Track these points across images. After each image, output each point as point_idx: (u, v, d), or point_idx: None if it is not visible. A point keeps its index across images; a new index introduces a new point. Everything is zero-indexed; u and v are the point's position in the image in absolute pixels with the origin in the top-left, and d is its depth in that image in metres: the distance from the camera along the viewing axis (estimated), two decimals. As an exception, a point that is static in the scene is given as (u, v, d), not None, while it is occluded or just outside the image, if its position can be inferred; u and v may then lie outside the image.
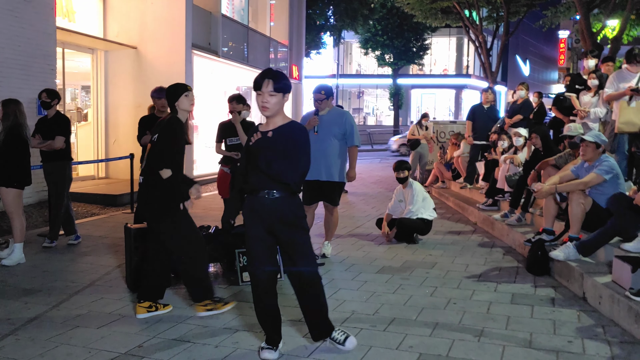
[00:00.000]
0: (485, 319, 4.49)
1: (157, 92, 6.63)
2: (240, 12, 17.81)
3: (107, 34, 13.38)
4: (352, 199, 11.65)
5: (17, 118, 6.13)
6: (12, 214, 6.18)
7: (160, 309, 4.57)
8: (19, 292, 5.18)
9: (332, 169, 6.09)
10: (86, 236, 7.61)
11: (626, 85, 6.79)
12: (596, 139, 5.68)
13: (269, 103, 3.57)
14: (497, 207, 8.67)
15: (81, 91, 15.18)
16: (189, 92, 4.52)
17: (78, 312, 4.65)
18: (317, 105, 6.14)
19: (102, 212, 9.96)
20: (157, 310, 4.55)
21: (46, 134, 6.80)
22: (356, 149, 6.29)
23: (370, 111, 48.11)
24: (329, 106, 6.21)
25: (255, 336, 4.11)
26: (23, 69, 9.48)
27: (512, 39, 29.30)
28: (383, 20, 33.29)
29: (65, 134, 6.94)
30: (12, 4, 9.25)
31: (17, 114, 6.14)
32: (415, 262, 6.34)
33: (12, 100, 6.25)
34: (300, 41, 22.39)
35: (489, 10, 25.57)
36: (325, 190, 6.19)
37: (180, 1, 13.16)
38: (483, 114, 10.30)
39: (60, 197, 7.00)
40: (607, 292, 4.54)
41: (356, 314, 4.61)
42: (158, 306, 4.57)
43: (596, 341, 4.02)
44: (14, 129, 6.10)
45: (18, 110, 6.16)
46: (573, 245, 5.34)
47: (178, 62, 13.24)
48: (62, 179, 7.02)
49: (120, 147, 12.77)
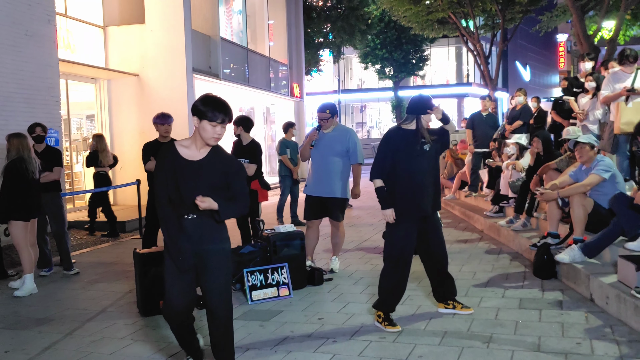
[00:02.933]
0: (494, 325, 4.52)
1: (159, 119, 6.68)
2: (239, 34, 18.02)
3: (109, 63, 13.58)
4: (358, 212, 11.70)
5: (19, 152, 6.26)
6: (18, 246, 6.27)
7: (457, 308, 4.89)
8: (32, 322, 5.25)
9: (334, 186, 6.17)
10: (96, 263, 7.70)
11: (622, 85, 6.85)
12: (589, 140, 5.75)
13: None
14: (503, 214, 8.71)
15: (86, 120, 15.37)
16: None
17: (91, 339, 4.71)
18: (323, 124, 6.24)
19: (111, 239, 10.05)
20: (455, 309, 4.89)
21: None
22: (359, 166, 6.38)
23: (373, 124, 48.27)
24: (333, 124, 6.32)
25: (266, 353, 4.16)
26: (28, 102, 9.65)
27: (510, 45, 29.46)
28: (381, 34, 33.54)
29: (60, 164, 7.22)
30: (14, 39, 9.44)
31: (19, 149, 6.26)
32: (422, 272, 6.31)
33: (16, 135, 6.40)
34: (299, 59, 22.58)
35: (485, 19, 25.73)
36: (328, 206, 6.26)
37: (179, 27, 13.36)
38: (482, 122, 10.38)
39: (61, 231, 7.18)
40: (613, 292, 4.57)
41: (365, 326, 4.65)
42: (456, 305, 4.90)
43: (604, 341, 4.05)
44: (15, 163, 6.24)
45: (21, 145, 6.28)
46: (578, 248, 5.38)
47: (180, 87, 13.41)
48: (59, 210, 7.20)
49: (127, 174, 12.90)
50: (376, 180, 4.65)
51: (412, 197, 4.57)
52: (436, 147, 4.71)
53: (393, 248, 4.66)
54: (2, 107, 9.15)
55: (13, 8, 9.42)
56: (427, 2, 22.54)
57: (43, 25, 10.09)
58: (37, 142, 7.12)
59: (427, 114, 4.65)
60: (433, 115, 4.68)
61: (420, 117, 4.64)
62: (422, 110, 4.64)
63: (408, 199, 4.57)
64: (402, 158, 4.58)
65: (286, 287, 5.63)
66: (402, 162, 4.58)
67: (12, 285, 6.37)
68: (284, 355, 4.13)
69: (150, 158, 6.51)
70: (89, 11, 13.39)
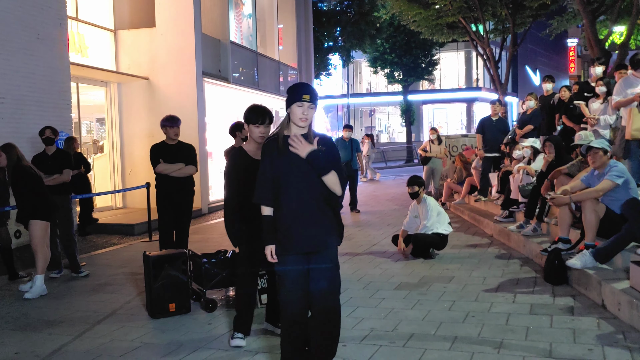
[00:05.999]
0: (505, 330, 4.49)
1: (168, 121, 6.62)
2: (249, 38, 18.06)
3: (119, 67, 13.66)
4: (367, 217, 11.68)
5: (19, 160, 6.47)
6: (37, 246, 6.32)
7: None
8: (42, 324, 5.27)
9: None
10: (106, 266, 7.73)
11: (634, 91, 6.81)
12: (602, 145, 5.70)
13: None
14: (513, 219, 8.66)
15: (96, 123, 15.46)
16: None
17: (101, 342, 4.72)
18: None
19: (120, 241, 10.09)
20: None
21: (49, 170, 7.01)
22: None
23: (382, 129, 48.21)
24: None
25: (275, 357, 4.15)
26: (39, 105, 9.71)
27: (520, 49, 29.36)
28: (390, 38, 33.45)
29: (71, 166, 7.28)
30: (26, 43, 9.50)
31: (19, 156, 6.49)
32: (432, 277, 6.35)
33: (10, 145, 6.59)
34: (309, 63, 22.61)
35: (495, 23, 25.66)
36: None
37: (189, 31, 13.42)
38: (492, 127, 10.34)
39: (69, 232, 7.24)
40: (625, 298, 4.52)
41: (375, 330, 4.63)
42: None
43: (617, 348, 4.01)
44: (19, 167, 6.39)
45: (19, 153, 6.52)
46: (589, 253, 5.34)
47: (190, 90, 13.46)
48: (68, 213, 7.26)
49: (137, 177, 12.96)
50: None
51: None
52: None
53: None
54: (15, 110, 9.22)
55: (24, 11, 9.49)
56: (437, 6, 22.51)
57: (54, 29, 10.16)
58: (47, 144, 7.17)
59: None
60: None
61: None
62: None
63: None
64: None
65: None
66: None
67: (22, 289, 6.39)
68: (293, 359, 4.11)
69: (160, 160, 6.51)
70: (99, 14, 13.48)
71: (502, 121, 10.50)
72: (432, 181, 13.38)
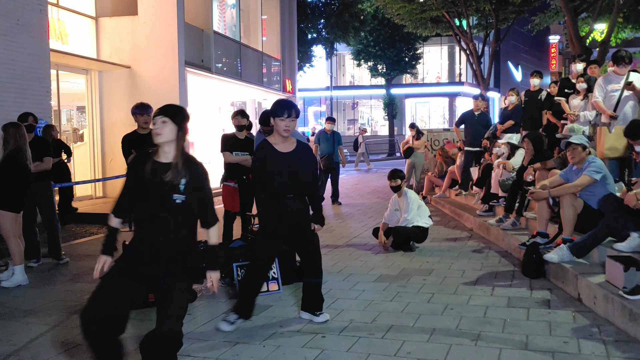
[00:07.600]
0: (482, 323, 4.54)
1: (138, 109, 6.45)
2: (232, 28, 17.94)
3: (101, 55, 13.48)
4: (348, 209, 11.71)
5: (17, 142, 6.21)
6: (8, 237, 6.21)
7: None
8: (20, 313, 5.21)
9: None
10: (85, 255, 7.65)
11: (614, 87, 6.90)
12: (581, 141, 5.78)
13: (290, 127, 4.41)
14: (493, 213, 8.74)
15: (76, 112, 15.28)
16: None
17: (78, 331, 4.66)
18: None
19: (100, 231, 9.99)
20: None
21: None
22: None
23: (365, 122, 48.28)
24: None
25: (255, 348, 4.16)
26: (19, 92, 9.56)
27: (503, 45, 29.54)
28: (374, 31, 33.44)
29: (51, 154, 7.13)
30: (5, 29, 9.35)
31: (17, 138, 6.21)
32: (412, 269, 6.40)
33: (11, 124, 6.34)
34: (292, 55, 22.55)
35: (479, 18, 25.79)
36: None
37: (172, 19, 13.29)
38: (474, 121, 10.42)
39: (52, 219, 7.16)
40: (601, 292, 4.60)
41: (354, 322, 4.66)
42: None
43: (592, 341, 4.08)
44: (13, 153, 6.18)
45: (18, 134, 6.23)
46: (567, 247, 5.41)
47: (172, 79, 13.34)
48: (49, 200, 7.17)
49: (117, 166, 12.82)
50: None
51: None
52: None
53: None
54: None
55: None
56: (421, 0, 22.56)
57: (34, 15, 10.00)
58: (28, 131, 7.06)
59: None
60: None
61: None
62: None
63: None
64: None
65: (275, 282, 5.62)
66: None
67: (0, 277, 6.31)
68: (272, 350, 4.13)
69: (132, 152, 6.19)
70: (80, 1, 13.28)
71: (484, 116, 10.57)
72: (413, 175, 13.46)
